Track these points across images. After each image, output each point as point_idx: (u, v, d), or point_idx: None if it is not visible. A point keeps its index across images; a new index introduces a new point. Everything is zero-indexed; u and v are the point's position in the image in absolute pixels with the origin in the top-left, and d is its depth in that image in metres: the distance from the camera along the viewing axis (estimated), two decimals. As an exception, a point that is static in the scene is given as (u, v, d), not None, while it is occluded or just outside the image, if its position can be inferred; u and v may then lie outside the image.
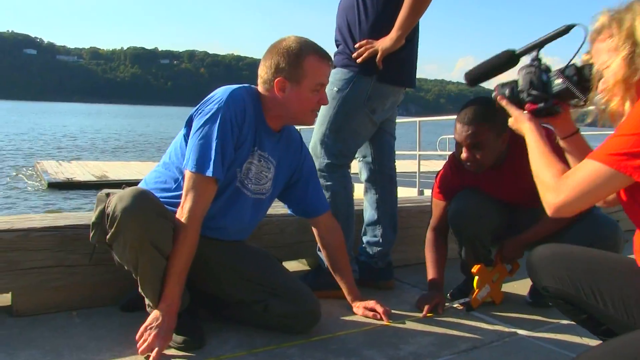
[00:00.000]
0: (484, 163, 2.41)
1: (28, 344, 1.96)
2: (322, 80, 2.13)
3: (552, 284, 1.66)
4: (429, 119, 11.54)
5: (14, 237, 2.17)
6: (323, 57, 2.13)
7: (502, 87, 1.78)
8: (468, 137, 2.36)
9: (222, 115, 1.99)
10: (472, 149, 2.37)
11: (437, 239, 2.68)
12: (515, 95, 1.74)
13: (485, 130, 2.34)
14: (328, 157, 2.62)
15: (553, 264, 1.69)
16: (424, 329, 2.29)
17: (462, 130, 2.37)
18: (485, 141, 2.35)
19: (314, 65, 2.09)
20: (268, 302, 2.11)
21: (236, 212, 2.16)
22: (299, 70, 2.07)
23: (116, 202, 1.83)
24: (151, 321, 1.87)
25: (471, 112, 2.37)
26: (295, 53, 2.08)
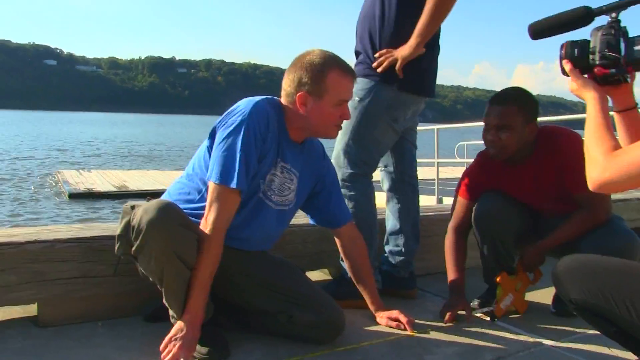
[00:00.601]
0: (508, 147, 2.41)
1: (54, 354, 1.98)
2: (344, 96, 2.12)
3: (581, 296, 1.63)
4: (447, 126, 11.50)
5: (40, 248, 2.19)
6: (346, 72, 2.12)
7: (572, 46, 1.61)
8: (496, 118, 2.40)
9: (245, 127, 2.00)
10: (499, 131, 2.39)
11: (458, 240, 2.64)
12: (584, 57, 1.59)
13: (514, 112, 2.37)
14: (351, 166, 2.61)
15: (581, 276, 1.65)
16: (448, 338, 2.27)
17: (491, 110, 2.42)
18: (513, 124, 2.37)
19: (336, 80, 2.08)
20: (292, 313, 2.10)
21: (259, 223, 2.16)
22: (321, 85, 2.07)
23: (141, 214, 1.84)
24: (175, 332, 1.88)
25: (503, 94, 2.45)
26: (318, 68, 2.08)
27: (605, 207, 2.41)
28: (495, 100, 2.45)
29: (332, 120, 2.13)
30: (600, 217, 2.41)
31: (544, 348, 2.21)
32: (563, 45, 1.63)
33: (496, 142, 2.42)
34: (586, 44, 1.58)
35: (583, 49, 1.58)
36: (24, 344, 2.06)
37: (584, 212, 2.42)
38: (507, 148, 2.42)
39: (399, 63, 2.48)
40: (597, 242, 2.29)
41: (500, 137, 2.40)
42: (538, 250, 2.56)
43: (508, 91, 2.48)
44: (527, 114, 2.41)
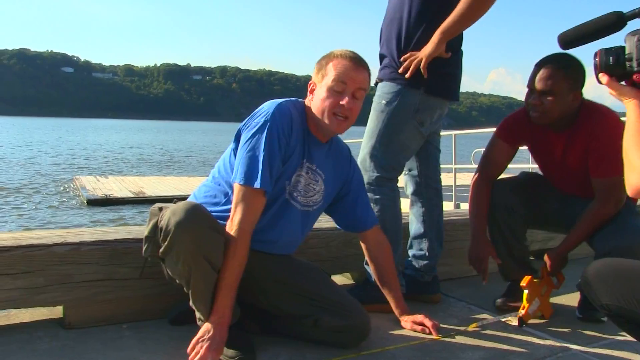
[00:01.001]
0: (550, 113, 2.39)
1: (81, 356, 1.98)
2: (343, 78, 2.05)
3: (613, 301, 1.60)
4: (465, 132, 11.44)
5: (66, 250, 2.21)
6: (351, 59, 2.08)
7: (607, 54, 1.56)
8: (541, 81, 2.37)
9: (269, 128, 2.00)
10: (543, 95, 2.38)
11: (484, 186, 2.65)
12: (620, 64, 1.54)
13: (560, 77, 2.35)
14: (377, 170, 2.61)
15: (613, 281, 1.63)
16: (474, 343, 2.25)
17: (537, 74, 2.39)
18: (557, 89, 2.35)
19: (337, 65, 2.07)
20: (318, 316, 2.09)
21: (285, 224, 2.16)
22: (324, 71, 2.09)
23: (169, 216, 1.85)
24: (203, 334, 1.87)
25: (551, 57, 2.41)
26: (326, 56, 2.12)
27: (616, 197, 2.38)
28: (542, 63, 2.40)
29: (327, 105, 2.06)
30: (609, 209, 2.39)
31: (571, 353, 2.19)
32: (596, 53, 1.59)
33: (538, 106, 2.40)
34: (621, 50, 1.54)
35: (618, 56, 1.54)
36: (51, 345, 2.08)
37: (594, 207, 2.42)
38: (549, 113, 2.39)
39: (423, 62, 2.47)
40: (610, 241, 2.28)
41: (543, 101, 2.38)
42: (558, 255, 2.55)
43: (556, 55, 2.41)
44: (573, 81, 2.37)
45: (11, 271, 2.12)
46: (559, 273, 2.65)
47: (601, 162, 2.38)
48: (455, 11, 2.43)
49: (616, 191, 2.36)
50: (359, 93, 2.09)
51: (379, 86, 2.64)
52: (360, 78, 2.09)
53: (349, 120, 2.10)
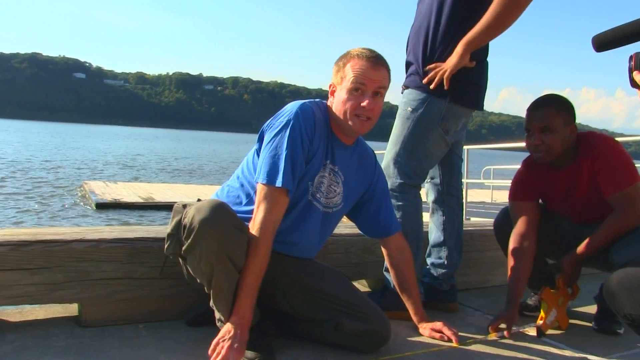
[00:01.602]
0: (553, 149, 2.44)
1: (99, 354, 1.97)
2: (362, 79, 2.03)
3: (637, 311, 1.59)
4: (477, 147, 11.42)
5: (86, 247, 2.20)
6: (368, 59, 2.06)
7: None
8: (538, 121, 2.46)
9: (292, 127, 2.00)
10: (542, 134, 2.44)
11: (520, 245, 2.56)
12: None
13: (554, 113, 2.44)
14: (401, 177, 2.59)
15: (637, 290, 1.62)
16: (493, 351, 2.23)
17: (532, 115, 2.49)
18: (555, 125, 2.43)
19: (357, 64, 2.05)
20: (339, 321, 2.07)
21: (308, 226, 2.15)
22: (342, 70, 2.08)
23: (194, 213, 1.83)
24: (224, 334, 1.85)
25: (541, 99, 2.53)
26: (344, 56, 2.11)
27: (636, 210, 2.38)
28: (535, 105, 2.51)
29: (348, 107, 2.05)
30: (631, 221, 2.38)
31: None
32: (632, 56, 1.57)
33: (540, 146, 2.45)
34: None
35: None
36: (67, 342, 2.06)
37: (615, 217, 2.40)
38: (552, 150, 2.44)
39: (447, 73, 2.46)
40: (627, 251, 2.25)
41: (544, 140, 2.44)
42: (574, 260, 2.52)
43: (544, 96, 2.54)
44: (566, 115, 2.46)
45: (29, 266, 2.12)
46: (574, 284, 2.63)
47: (612, 178, 2.40)
48: (481, 22, 2.42)
49: (636, 202, 2.37)
50: (380, 92, 2.08)
51: (405, 93, 2.64)
52: (379, 77, 2.07)
53: (371, 121, 2.09)
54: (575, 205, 2.56)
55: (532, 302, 2.78)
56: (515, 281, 2.53)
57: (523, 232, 2.57)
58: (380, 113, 2.12)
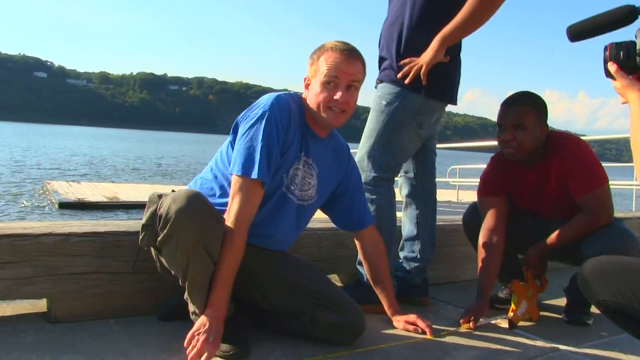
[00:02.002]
0: (525, 146, 2.46)
1: (70, 348, 1.93)
2: (334, 72, 2.03)
3: (611, 297, 1.61)
4: (443, 146, 11.52)
5: (55, 241, 2.15)
6: (342, 52, 2.06)
7: (617, 48, 1.56)
8: (512, 117, 2.48)
9: (267, 119, 1.99)
10: (515, 130, 2.46)
11: (491, 242, 2.59)
12: (630, 59, 1.55)
13: (528, 111, 2.47)
14: (375, 170, 2.60)
15: (609, 277, 1.64)
16: (467, 343, 2.25)
17: (506, 111, 2.51)
18: (528, 123, 2.45)
19: (330, 57, 2.06)
20: (314, 313, 2.07)
21: (283, 218, 2.14)
22: (316, 63, 2.09)
23: (170, 203, 1.81)
24: (199, 327, 1.83)
25: (515, 96, 2.56)
26: (318, 49, 2.11)
27: (606, 211, 2.46)
28: (509, 101, 2.53)
29: (321, 99, 2.05)
30: (601, 222, 2.45)
31: (561, 353, 2.21)
32: (607, 47, 1.59)
33: (512, 142, 2.47)
34: (632, 45, 1.55)
35: (629, 51, 1.55)
36: (37, 338, 2.01)
37: (585, 216, 2.46)
38: (522, 147, 2.47)
39: (423, 68, 2.48)
40: (598, 245, 2.32)
41: (516, 136, 2.46)
42: (538, 251, 2.58)
43: (519, 93, 2.59)
44: (540, 114, 2.49)
45: (-3, 261, 2.06)
46: (542, 277, 2.69)
47: (581, 180, 2.45)
48: (456, 19, 2.45)
49: (606, 203, 2.45)
50: (353, 85, 2.08)
51: (379, 87, 2.66)
52: (353, 70, 2.07)
53: (346, 113, 2.09)
54: (543, 202, 2.61)
55: (503, 295, 2.82)
56: (486, 275, 2.56)
57: (492, 227, 2.60)
58: (355, 106, 2.12)
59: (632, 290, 1.56)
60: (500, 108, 2.54)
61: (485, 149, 10.78)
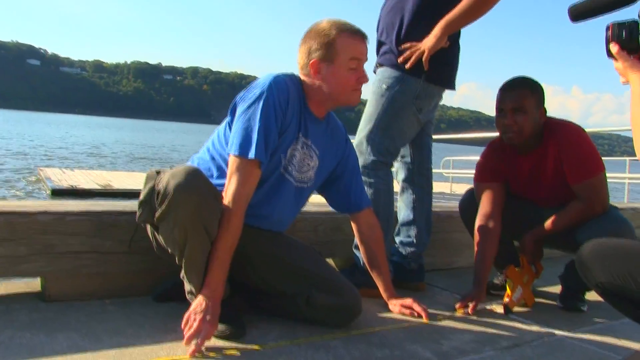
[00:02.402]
0: (524, 130, 2.46)
1: (65, 327, 1.91)
2: (356, 55, 2.08)
3: (609, 279, 1.62)
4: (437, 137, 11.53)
5: (50, 219, 2.14)
6: (355, 33, 2.10)
7: (619, 27, 1.55)
8: (512, 101, 2.47)
9: (265, 99, 1.98)
10: (515, 114, 2.46)
11: (485, 225, 2.59)
12: (633, 38, 1.55)
13: (528, 95, 2.46)
14: (374, 154, 2.59)
15: (607, 259, 1.65)
16: (463, 327, 2.25)
17: (506, 95, 2.50)
18: (527, 106, 2.45)
19: (346, 41, 2.07)
20: (311, 294, 2.06)
21: (280, 199, 2.13)
22: (331, 48, 2.07)
23: (168, 179, 1.79)
24: (196, 307, 1.81)
25: (514, 80, 2.54)
26: (327, 33, 2.08)
27: (602, 199, 2.46)
28: (508, 85, 2.53)
29: (349, 84, 2.09)
30: (597, 209, 2.45)
31: (556, 338, 2.22)
32: (609, 26, 1.59)
33: (512, 126, 2.47)
34: (634, 25, 1.54)
35: (632, 31, 1.54)
36: (31, 317, 2.00)
37: (581, 204, 2.46)
38: (523, 131, 2.46)
39: (425, 54, 2.49)
40: (593, 231, 2.30)
41: (516, 120, 2.45)
42: (533, 237, 2.59)
43: (518, 78, 2.58)
44: (539, 98, 2.49)
45: (-8, 239, 2.04)
46: (537, 263, 2.69)
47: (577, 167, 2.45)
48: (460, 6, 2.46)
49: (601, 191, 2.45)
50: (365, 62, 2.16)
51: (379, 71, 2.65)
52: (366, 50, 2.14)
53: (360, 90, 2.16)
54: (539, 189, 2.61)
55: (499, 281, 2.82)
56: (482, 261, 2.56)
57: (488, 213, 2.60)
58: None
59: (629, 272, 1.57)
60: (499, 93, 2.54)
61: (478, 141, 10.80)
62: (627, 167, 10.23)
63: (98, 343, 1.79)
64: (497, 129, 2.56)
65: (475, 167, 2.74)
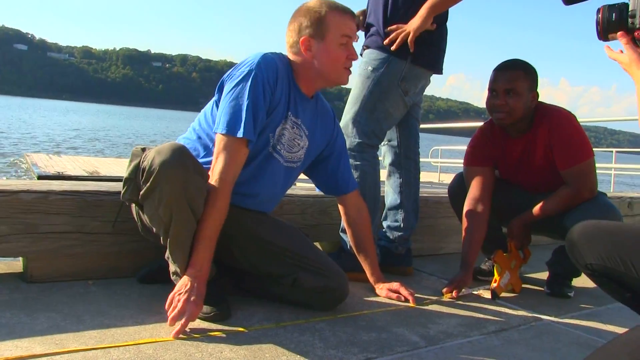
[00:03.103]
0: (515, 111, 2.46)
1: (46, 307, 1.88)
2: (346, 31, 2.07)
3: (598, 260, 1.61)
4: (425, 126, 11.55)
5: (33, 198, 2.09)
6: (344, 10, 2.09)
7: (610, 10, 1.56)
8: (504, 82, 2.46)
9: (253, 77, 1.94)
10: (506, 95, 2.45)
11: (474, 209, 2.58)
12: (623, 20, 1.53)
13: (521, 76, 2.46)
14: (360, 136, 2.57)
15: (597, 240, 1.64)
16: (450, 311, 2.24)
17: (499, 75, 2.50)
18: (520, 88, 2.45)
19: (336, 18, 2.06)
20: (297, 276, 2.03)
21: (268, 178, 2.10)
22: (322, 25, 2.05)
23: (154, 155, 1.75)
24: (180, 287, 1.78)
25: (509, 61, 2.54)
26: (317, 9, 2.07)
27: (590, 184, 2.47)
28: (502, 66, 2.51)
29: (339, 60, 2.07)
30: (585, 195, 2.46)
31: (543, 323, 2.22)
32: (599, 9, 1.58)
33: (503, 106, 2.46)
34: (624, 7, 1.53)
35: (621, 13, 1.53)
36: (12, 297, 1.96)
37: (569, 189, 2.47)
38: (513, 112, 2.46)
39: (411, 35, 2.46)
40: (581, 216, 2.29)
41: (507, 101, 2.45)
42: (521, 222, 2.60)
43: (511, 60, 2.56)
44: (532, 81, 2.49)
45: (-30, 217, 2.00)
46: (525, 248, 2.69)
47: (567, 152, 2.45)
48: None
49: (590, 177, 2.46)
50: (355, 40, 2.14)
51: (366, 53, 2.63)
52: (355, 28, 2.13)
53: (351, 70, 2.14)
54: (528, 173, 2.60)
55: (486, 267, 2.82)
56: (470, 244, 2.55)
57: (477, 197, 2.59)
58: None
59: (618, 254, 1.56)
60: (493, 73, 2.53)
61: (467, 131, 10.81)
62: (614, 159, 10.35)
63: (80, 324, 1.76)
64: (487, 109, 2.55)
65: (465, 151, 2.72)
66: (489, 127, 2.65)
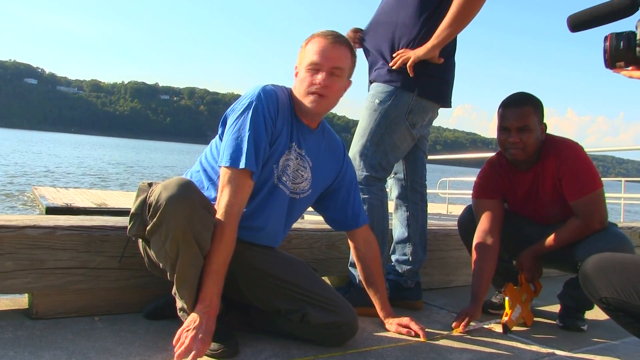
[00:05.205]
0: (530, 147, 2.44)
1: (51, 345, 1.86)
2: (316, 57, 2.01)
3: (613, 294, 1.58)
4: (433, 157, 11.55)
5: (40, 233, 2.08)
6: (326, 37, 2.05)
7: (617, 38, 1.54)
8: (517, 120, 2.44)
9: (254, 109, 1.95)
10: (520, 132, 2.43)
11: (484, 242, 2.54)
12: (631, 49, 1.52)
13: (531, 112, 2.44)
14: (367, 169, 2.56)
15: (612, 273, 1.61)
16: (461, 346, 2.20)
17: (510, 113, 2.46)
18: (532, 124, 2.44)
19: (312, 46, 2.05)
20: (306, 312, 2.00)
21: (274, 211, 2.08)
22: (302, 54, 2.08)
23: (160, 190, 1.74)
24: (189, 324, 1.75)
25: (516, 97, 2.51)
26: (306, 40, 2.09)
27: (600, 215, 2.43)
28: (512, 103, 2.49)
29: (305, 85, 2.03)
30: (595, 226, 2.42)
31: (557, 357, 2.17)
32: (607, 37, 1.56)
33: (518, 144, 2.44)
34: (632, 35, 1.52)
35: (629, 41, 1.52)
36: (17, 334, 1.94)
37: (579, 221, 2.44)
38: (528, 148, 2.44)
39: (411, 61, 2.47)
40: (592, 248, 2.26)
41: (522, 138, 2.43)
42: (532, 254, 2.56)
43: (519, 94, 2.53)
44: (540, 113, 2.48)
45: (-23, 253, 1.98)
46: (536, 281, 2.65)
47: (575, 183, 2.43)
48: (447, 18, 2.45)
49: (599, 208, 2.43)
50: (337, 71, 2.04)
51: (372, 86, 2.63)
52: (336, 55, 2.04)
53: (326, 99, 2.04)
54: (537, 206, 2.58)
55: (497, 300, 2.78)
56: (480, 277, 2.51)
57: (487, 229, 2.56)
58: (339, 95, 2.09)
59: (634, 286, 1.53)
60: (503, 110, 2.50)
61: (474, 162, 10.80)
62: (623, 188, 10.27)
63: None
64: (500, 145, 2.53)
65: (474, 183, 2.70)
66: (497, 159, 2.64)
